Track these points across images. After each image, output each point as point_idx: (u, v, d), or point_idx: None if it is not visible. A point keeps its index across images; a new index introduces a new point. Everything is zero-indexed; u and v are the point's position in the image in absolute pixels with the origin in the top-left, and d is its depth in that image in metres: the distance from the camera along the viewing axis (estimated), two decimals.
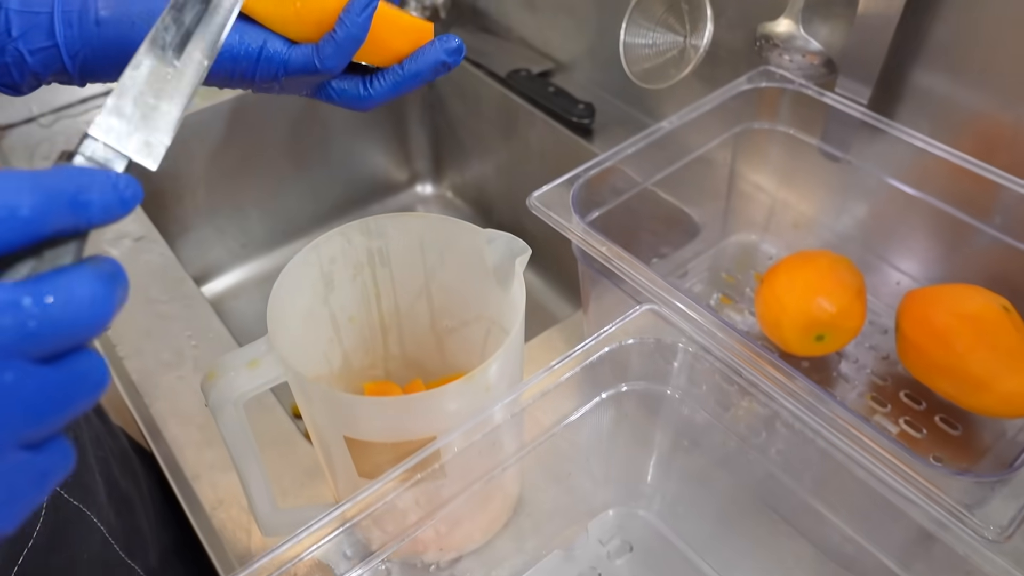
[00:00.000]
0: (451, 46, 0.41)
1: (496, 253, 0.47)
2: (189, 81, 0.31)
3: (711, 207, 0.72)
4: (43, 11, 0.38)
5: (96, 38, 0.39)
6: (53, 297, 0.23)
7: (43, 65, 0.39)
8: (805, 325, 0.57)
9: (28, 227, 0.23)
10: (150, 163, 0.29)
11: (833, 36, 0.65)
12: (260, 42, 0.40)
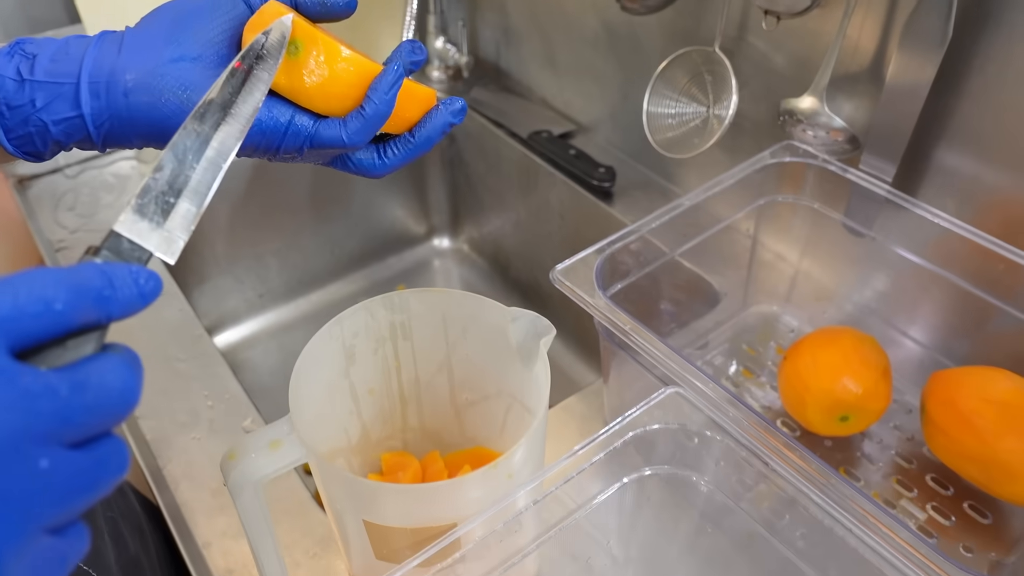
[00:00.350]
0: (456, 108, 0.43)
1: (520, 332, 0.47)
2: (207, 183, 0.32)
3: (732, 276, 0.72)
4: (68, 81, 0.39)
5: (124, 109, 0.39)
6: (87, 385, 0.24)
7: (66, 134, 0.40)
8: (829, 406, 0.56)
9: (60, 320, 0.25)
10: (169, 258, 0.31)
11: (857, 113, 0.65)
12: (288, 117, 0.40)
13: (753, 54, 0.71)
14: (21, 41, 0.40)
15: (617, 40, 0.84)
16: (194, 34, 0.40)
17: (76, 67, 0.38)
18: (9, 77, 0.38)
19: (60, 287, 0.25)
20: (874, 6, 0.60)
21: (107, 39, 0.40)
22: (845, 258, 0.68)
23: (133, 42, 0.39)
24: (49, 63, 0.39)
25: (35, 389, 0.23)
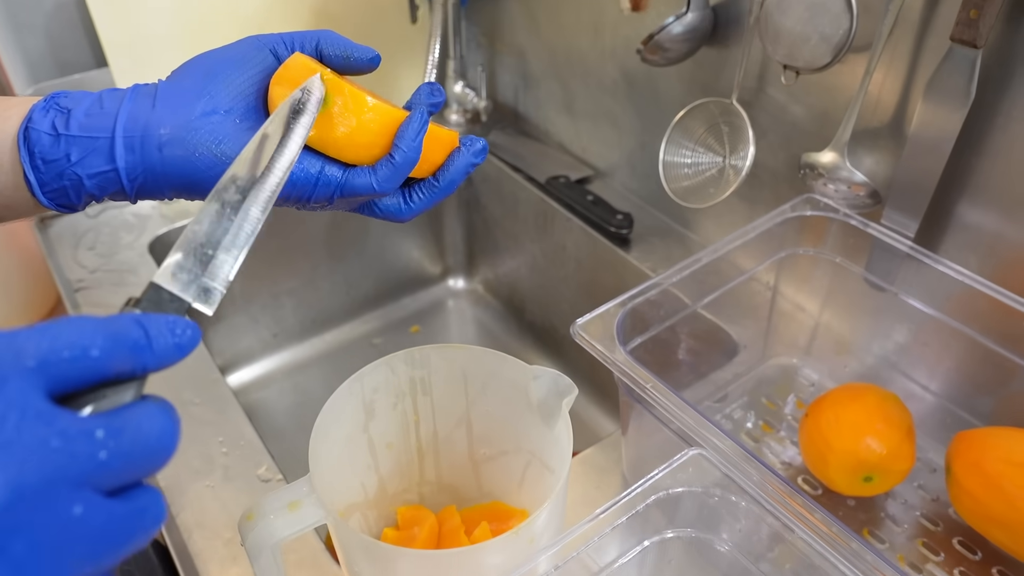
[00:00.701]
0: (476, 148, 0.43)
1: (541, 390, 0.47)
2: (246, 234, 0.33)
3: (752, 327, 0.72)
4: (103, 135, 0.39)
5: (158, 163, 0.39)
6: (124, 430, 0.24)
7: (100, 188, 0.40)
8: (852, 466, 0.56)
9: (96, 367, 0.25)
10: (207, 309, 0.31)
11: (878, 167, 0.65)
12: (318, 168, 0.41)
13: (771, 106, 0.71)
14: (56, 95, 0.41)
15: (636, 88, 0.84)
16: (225, 86, 0.40)
17: (111, 121, 0.39)
18: (45, 132, 0.39)
19: (97, 334, 0.25)
20: (895, 62, 0.60)
21: (141, 93, 0.40)
22: (866, 311, 0.67)
23: (166, 96, 0.40)
24: (84, 117, 0.39)
25: (71, 431, 0.23)
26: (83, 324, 0.25)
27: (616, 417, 0.94)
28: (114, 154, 0.39)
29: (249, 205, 0.33)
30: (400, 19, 1.03)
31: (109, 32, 0.84)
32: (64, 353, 0.24)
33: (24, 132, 0.39)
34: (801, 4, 0.60)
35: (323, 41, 0.42)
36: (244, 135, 0.39)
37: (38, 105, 0.40)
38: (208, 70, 0.41)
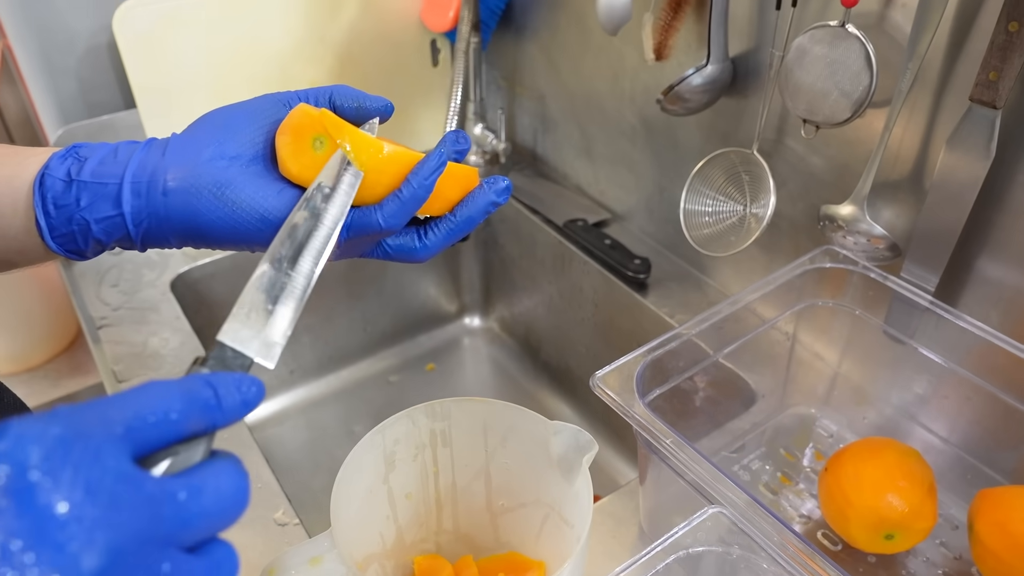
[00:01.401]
0: (499, 187, 0.42)
1: (561, 445, 0.47)
2: (301, 287, 0.34)
3: (769, 376, 0.71)
4: (112, 182, 0.39)
5: (162, 207, 0.39)
6: (203, 489, 0.26)
7: (106, 233, 0.40)
8: (873, 523, 0.55)
9: (175, 429, 0.27)
10: (268, 363, 0.33)
11: (898, 220, 0.65)
12: None
13: (791, 156, 0.72)
14: (77, 146, 0.42)
15: (654, 135, 0.85)
16: (234, 135, 0.40)
17: (121, 169, 0.39)
18: (59, 178, 0.39)
19: (175, 398, 0.27)
20: (915, 117, 0.61)
21: (154, 144, 0.41)
22: (885, 363, 0.67)
23: (177, 145, 0.40)
24: (97, 165, 0.40)
25: (157, 495, 0.24)
26: (162, 389, 0.27)
27: (633, 461, 0.94)
28: (121, 199, 0.39)
29: (302, 261, 0.34)
30: (421, 62, 1.04)
31: (138, 75, 0.86)
32: (149, 419, 0.26)
33: (40, 178, 0.40)
34: (821, 60, 0.61)
35: (336, 94, 0.42)
36: (247, 180, 0.39)
37: (58, 153, 0.41)
38: (220, 121, 0.41)
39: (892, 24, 0.59)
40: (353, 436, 1.00)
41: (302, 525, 0.64)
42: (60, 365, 1.14)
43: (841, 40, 0.59)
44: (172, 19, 0.85)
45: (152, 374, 0.78)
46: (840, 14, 0.59)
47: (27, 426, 0.23)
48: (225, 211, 0.38)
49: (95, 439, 0.24)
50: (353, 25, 0.96)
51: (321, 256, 0.35)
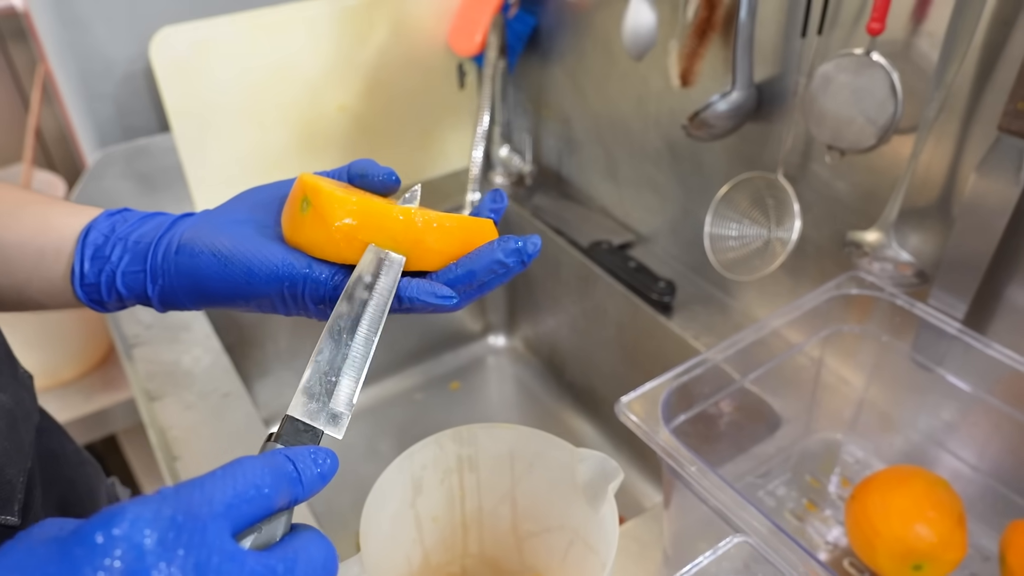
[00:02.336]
0: (509, 247, 0.38)
1: (587, 472, 0.47)
2: (362, 356, 0.35)
3: (795, 400, 0.71)
4: (145, 241, 0.42)
5: (173, 265, 0.41)
6: (297, 562, 0.27)
7: (128, 287, 0.42)
8: (902, 554, 0.55)
9: (267, 504, 0.28)
10: (337, 434, 0.34)
11: (925, 247, 0.65)
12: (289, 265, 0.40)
13: (816, 182, 0.72)
14: (127, 209, 0.44)
15: (679, 159, 0.86)
16: (251, 207, 0.42)
17: (157, 232, 0.42)
18: (102, 232, 0.42)
19: (265, 474, 0.28)
20: (942, 144, 0.61)
21: (190, 217, 0.43)
22: (913, 389, 0.67)
23: (203, 214, 0.43)
24: (138, 226, 0.42)
25: (259, 571, 0.26)
26: (253, 466, 0.28)
27: (658, 482, 0.93)
28: (147, 257, 0.41)
29: (362, 328, 0.36)
30: (448, 85, 1.06)
31: (173, 100, 0.88)
32: (245, 495, 0.27)
33: (87, 230, 0.42)
34: (846, 88, 0.61)
35: (352, 167, 0.43)
36: (243, 239, 0.39)
37: (108, 211, 0.44)
38: (248, 196, 0.43)
39: (918, 52, 0.59)
40: (378, 454, 1.01)
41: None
42: (93, 380, 1.16)
43: (866, 68, 0.60)
44: (206, 46, 0.88)
45: (184, 392, 0.80)
46: (865, 42, 0.60)
47: (142, 509, 0.25)
48: (218, 266, 0.39)
49: (201, 519, 0.25)
50: (382, 50, 0.98)
51: (379, 326, 0.36)
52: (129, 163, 0.91)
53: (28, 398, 0.41)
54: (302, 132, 0.98)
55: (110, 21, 0.85)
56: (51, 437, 0.48)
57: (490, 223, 0.41)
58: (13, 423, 0.38)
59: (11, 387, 0.39)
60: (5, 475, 0.37)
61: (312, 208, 0.38)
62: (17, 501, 0.38)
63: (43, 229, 0.43)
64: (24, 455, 0.39)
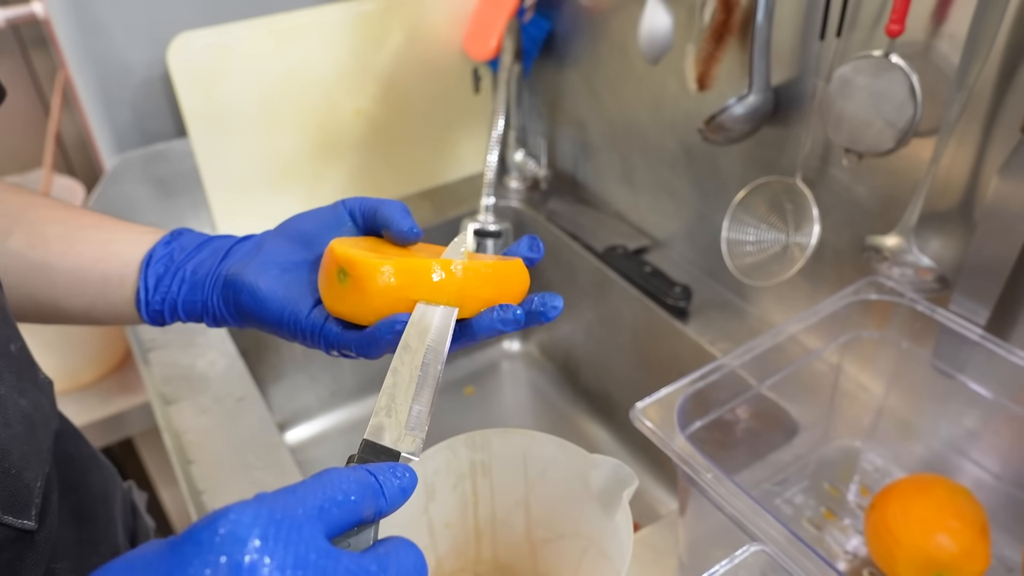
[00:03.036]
0: (507, 317, 0.40)
1: (601, 479, 0.47)
2: (433, 378, 0.37)
3: (812, 407, 0.70)
4: (202, 272, 0.45)
5: (220, 297, 0.45)
6: (389, 563, 0.29)
7: (187, 313, 0.45)
8: (922, 564, 0.54)
9: (355, 510, 0.29)
10: (414, 456, 0.35)
11: (946, 252, 0.64)
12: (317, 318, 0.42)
13: (835, 186, 0.71)
14: (179, 232, 0.47)
15: (695, 163, 0.85)
16: (292, 237, 0.44)
17: (213, 263, 0.45)
18: (163, 262, 0.45)
19: (352, 483, 0.29)
20: (963, 147, 0.60)
21: (236, 246, 0.46)
22: (934, 396, 0.66)
23: (249, 247, 0.45)
24: (195, 250, 0.45)
25: (354, 569, 0.27)
26: (340, 475, 0.30)
27: (672, 488, 0.93)
28: (204, 288, 0.44)
29: (428, 359, 0.37)
30: (463, 89, 1.06)
31: (190, 104, 0.89)
32: (337, 499, 0.28)
33: (148, 259, 0.45)
34: (864, 91, 0.60)
35: (377, 216, 0.44)
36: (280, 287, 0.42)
37: (163, 240, 0.46)
38: (293, 232, 0.45)
39: (938, 54, 0.59)
40: None
41: None
42: (110, 384, 1.17)
43: (885, 71, 0.59)
44: (223, 51, 0.88)
45: (199, 396, 0.80)
46: (884, 44, 0.59)
47: (243, 509, 0.26)
48: (256, 307, 0.42)
49: (298, 519, 0.27)
50: (397, 54, 0.98)
51: (444, 353, 0.37)
52: (146, 167, 0.92)
53: (47, 404, 0.41)
54: (318, 136, 0.98)
55: (128, 27, 0.86)
56: (67, 440, 0.48)
57: (520, 264, 0.42)
58: (32, 428, 0.38)
59: (31, 392, 0.39)
60: (23, 479, 0.37)
61: (350, 279, 0.39)
62: (35, 506, 0.38)
63: (103, 256, 0.46)
64: (42, 460, 0.39)
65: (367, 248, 0.41)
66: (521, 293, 0.42)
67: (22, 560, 0.38)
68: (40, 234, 0.46)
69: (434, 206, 1.06)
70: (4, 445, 0.35)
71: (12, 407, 0.36)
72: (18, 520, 0.36)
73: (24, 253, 0.45)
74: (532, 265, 0.43)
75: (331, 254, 0.40)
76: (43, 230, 0.46)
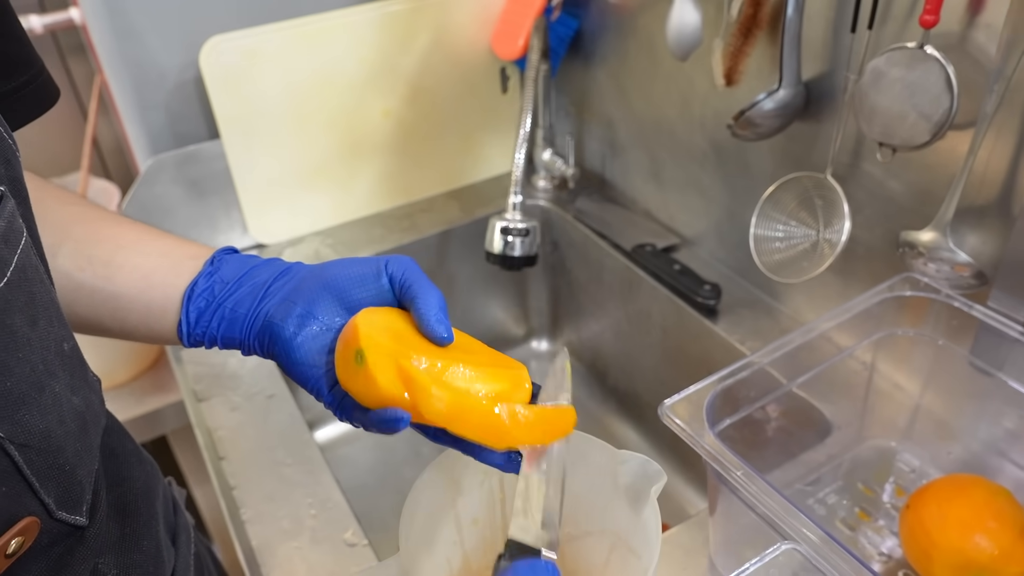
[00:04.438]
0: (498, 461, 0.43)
1: (629, 475, 0.46)
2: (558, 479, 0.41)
3: (846, 406, 0.69)
4: (241, 312, 0.46)
5: (256, 339, 0.46)
6: None
7: (225, 344, 0.47)
8: (960, 565, 0.52)
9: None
10: (552, 554, 0.39)
11: (984, 247, 0.62)
12: None
13: (867, 181, 0.70)
14: (219, 263, 0.47)
15: (725, 160, 0.84)
16: (327, 284, 0.45)
17: (250, 304, 0.46)
18: (204, 297, 0.46)
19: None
20: (1001, 140, 0.58)
21: (277, 284, 0.46)
22: (972, 395, 0.64)
23: (289, 290, 0.46)
24: (235, 293, 0.46)
25: None
26: None
27: (702, 489, 0.92)
28: (243, 327, 0.46)
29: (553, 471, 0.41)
30: (491, 89, 1.06)
31: (223, 107, 0.90)
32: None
33: (189, 294, 0.46)
34: (898, 83, 0.59)
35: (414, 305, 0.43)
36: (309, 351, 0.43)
37: (203, 273, 0.47)
38: (328, 282, 0.45)
39: (974, 45, 0.57)
40: (421, 457, 1.01)
41: (370, 545, 0.65)
42: (144, 383, 1.19)
43: (919, 62, 0.58)
44: (254, 54, 0.89)
45: (230, 394, 0.81)
46: (918, 35, 0.58)
47: None
48: (289, 366, 0.44)
49: None
50: (425, 55, 0.99)
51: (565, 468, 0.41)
52: (179, 169, 0.93)
53: (97, 401, 0.42)
54: (347, 137, 0.99)
55: (162, 31, 0.87)
56: (112, 436, 0.49)
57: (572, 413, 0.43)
58: (84, 426, 0.39)
59: (82, 391, 0.40)
60: (77, 476, 0.37)
61: (366, 366, 0.39)
62: (86, 502, 0.38)
63: (146, 287, 0.47)
64: (93, 457, 0.40)
65: (392, 332, 0.41)
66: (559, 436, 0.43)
67: (72, 555, 0.39)
68: (86, 256, 0.47)
69: (462, 205, 1.07)
70: (59, 442, 0.36)
71: (66, 405, 0.37)
72: (71, 516, 0.37)
73: (71, 274, 0.46)
74: None
75: (354, 331, 0.40)
76: (89, 252, 0.47)
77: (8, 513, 0.33)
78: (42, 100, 0.42)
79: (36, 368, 0.35)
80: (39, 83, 0.42)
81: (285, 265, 0.47)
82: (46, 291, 0.37)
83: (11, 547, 0.34)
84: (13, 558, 0.34)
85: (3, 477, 0.33)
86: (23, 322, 0.34)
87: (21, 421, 0.34)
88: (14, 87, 0.40)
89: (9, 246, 0.34)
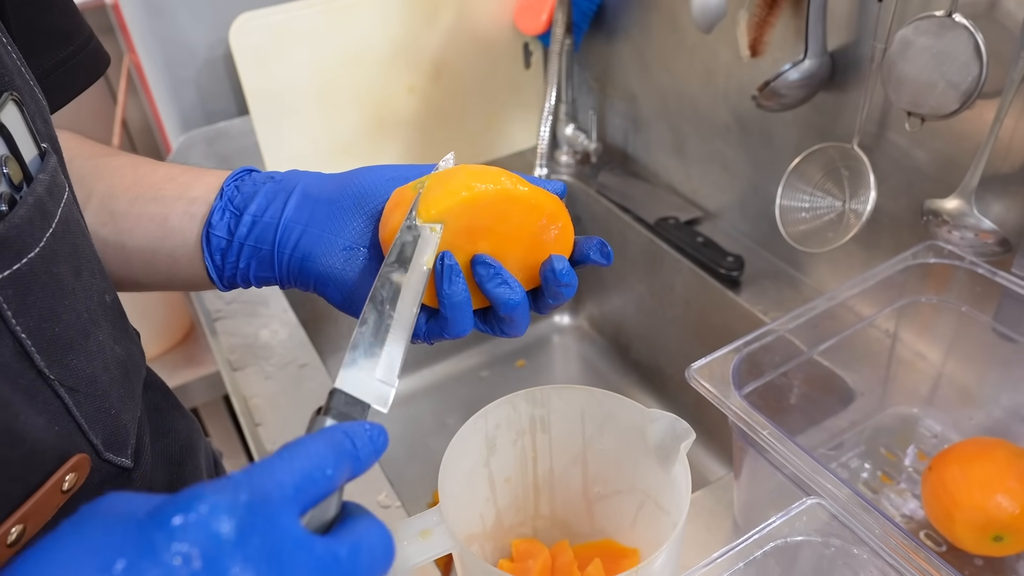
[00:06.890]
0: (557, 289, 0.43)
1: (658, 433, 0.48)
2: (405, 326, 0.36)
3: (869, 374, 0.70)
4: (266, 247, 0.44)
5: (295, 276, 0.44)
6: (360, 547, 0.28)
7: (260, 281, 0.46)
8: (982, 524, 0.54)
9: (331, 484, 0.28)
10: (383, 407, 0.34)
11: (1009, 214, 0.63)
12: None
13: (893, 151, 0.70)
14: (230, 192, 0.45)
15: (748, 132, 0.85)
16: (354, 199, 0.43)
17: (272, 234, 0.43)
18: (223, 236, 0.44)
19: (327, 455, 0.28)
20: None
21: (302, 203, 0.43)
22: (995, 362, 0.65)
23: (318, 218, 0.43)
24: (252, 227, 0.44)
25: (325, 557, 0.26)
26: (316, 448, 0.28)
27: (723, 460, 0.93)
28: (273, 264, 0.44)
29: (404, 298, 0.36)
30: (514, 64, 1.07)
31: (252, 84, 0.92)
32: (313, 476, 0.27)
33: (206, 236, 0.44)
34: (926, 52, 0.60)
35: None
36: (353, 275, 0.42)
37: (216, 207, 0.45)
38: (360, 198, 0.43)
39: (1003, 12, 0.58)
40: (446, 428, 1.03)
41: (403, 507, 0.67)
42: (176, 357, 1.22)
43: (948, 30, 0.58)
44: (282, 31, 0.91)
45: (263, 363, 0.83)
46: (946, 3, 0.58)
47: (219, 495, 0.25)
48: (331, 293, 0.43)
49: (274, 504, 0.26)
50: (449, 31, 1.00)
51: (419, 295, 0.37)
52: (210, 145, 0.95)
53: (137, 352, 0.44)
54: (373, 113, 1.00)
55: (193, 9, 0.89)
56: (155, 392, 0.51)
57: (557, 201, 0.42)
58: (126, 374, 0.41)
59: (124, 341, 0.41)
60: (122, 420, 0.39)
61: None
62: (130, 446, 0.41)
63: (165, 235, 0.45)
64: (135, 404, 0.42)
65: None
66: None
67: None
68: (109, 211, 0.45)
69: None
70: (104, 388, 0.38)
71: (110, 353, 0.39)
72: (117, 457, 0.39)
73: (97, 231, 0.45)
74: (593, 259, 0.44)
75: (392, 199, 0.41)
76: (110, 206, 0.46)
77: (61, 450, 0.35)
78: (97, 66, 0.44)
79: (81, 316, 0.36)
80: (90, 49, 0.43)
81: (295, 180, 0.44)
82: (88, 244, 0.38)
83: (67, 483, 0.35)
84: (69, 494, 0.36)
85: (56, 417, 0.35)
86: (68, 272, 0.35)
87: (69, 365, 0.35)
88: (69, 52, 0.42)
89: (54, 199, 0.35)
